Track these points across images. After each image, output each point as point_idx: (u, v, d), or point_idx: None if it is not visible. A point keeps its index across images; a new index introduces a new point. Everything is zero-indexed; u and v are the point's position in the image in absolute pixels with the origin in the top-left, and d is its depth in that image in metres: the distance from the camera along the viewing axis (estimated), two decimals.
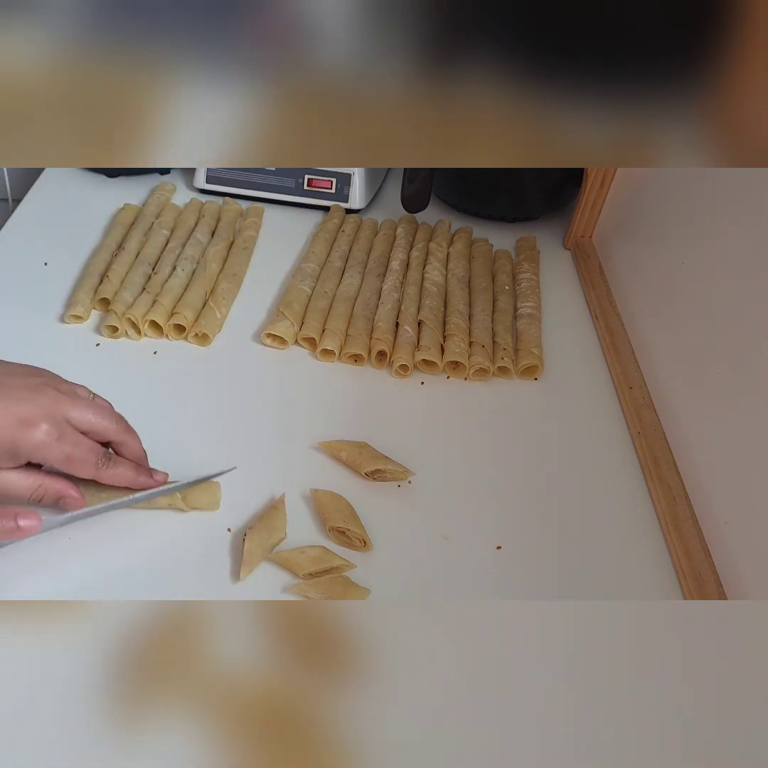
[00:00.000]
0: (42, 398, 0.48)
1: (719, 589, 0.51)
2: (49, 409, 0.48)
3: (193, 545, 0.53)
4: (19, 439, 0.47)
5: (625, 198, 0.79)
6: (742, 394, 0.52)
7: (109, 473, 0.52)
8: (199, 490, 0.55)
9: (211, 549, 0.53)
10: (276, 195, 0.88)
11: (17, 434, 0.47)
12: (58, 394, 0.50)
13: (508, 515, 0.57)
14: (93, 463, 0.50)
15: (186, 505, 0.54)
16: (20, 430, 0.47)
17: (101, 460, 0.51)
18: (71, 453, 0.49)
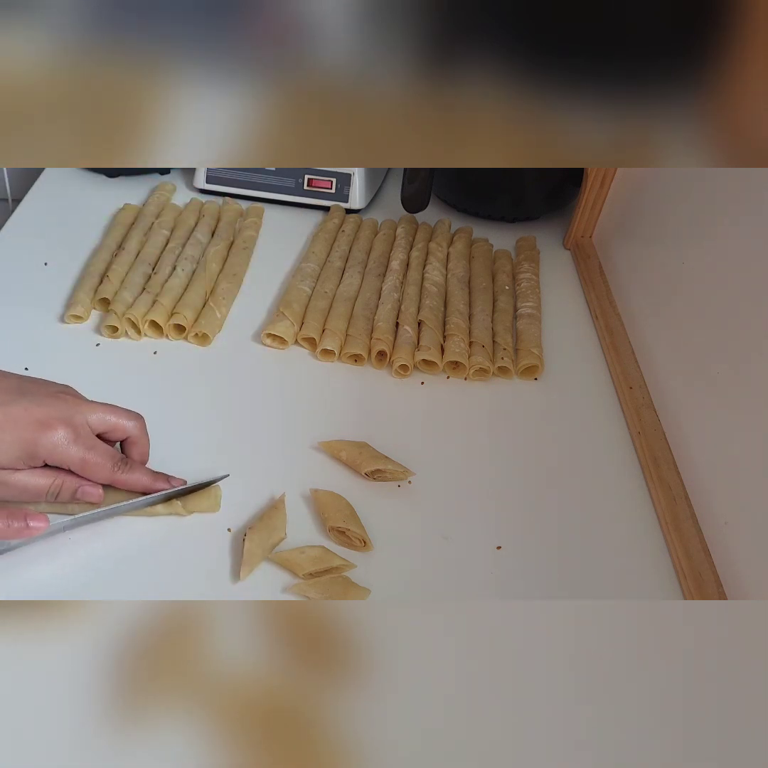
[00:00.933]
0: (61, 403, 0.50)
1: (719, 589, 0.51)
2: (68, 413, 0.50)
3: (193, 545, 0.53)
4: (38, 440, 0.48)
5: (625, 198, 0.79)
6: (742, 394, 0.52)
7: (124, 477, 0.52)
8: (199, 495, 0.55)
9: (211, 549, 0.53)
10: (276, 195, 0.88)
11: (36, 435, 0.48)
12: (76, 400, 0.51)
13: (508, 515, 0.57)
14: (109, 467, 0.51)
15: (186, 510, 0.54)
16: (39, 430, 0.48)
17: (117, 464, 0.52)
18: (87, 455, 0.50)
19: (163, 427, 0.61)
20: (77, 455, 0.49)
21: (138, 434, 0.54)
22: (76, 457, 0.49)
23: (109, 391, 0.59)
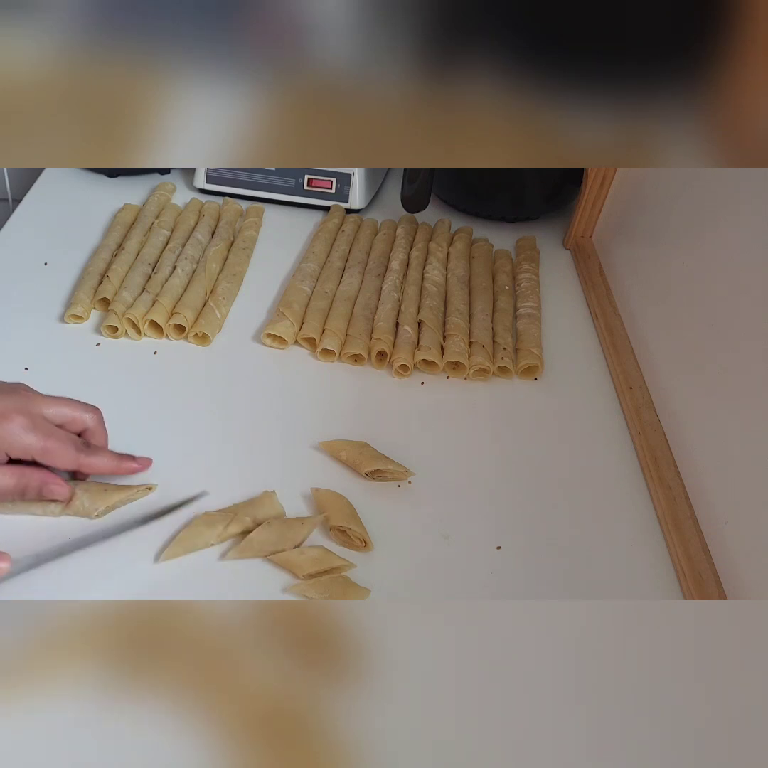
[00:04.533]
0: (16, 396, 0.50)
1: (719, 589, 0.51)
2: (23, 404, 0.50)
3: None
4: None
5: (625, 198, 0.79)
6: (742, 394, 0.52)
7: (89, 460, 0.52)
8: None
9: (210, 549, 0.53)
10: (276, 195, 0.88)
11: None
12: (30, 393, 0.51)
13: (508, 515, 0.57)
14: (72, 451, 0.51)
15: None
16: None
17: (80, 447, 0.51)
18: (47, 443, 0.50)
19: (163, 427, 0.61)
20: (38, 443, 0.49)
21: (95, 426, 0.54)
22: (37, 445, 0.49)
23: (109, 391, 0.59)
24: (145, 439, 0.60)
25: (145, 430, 0.60)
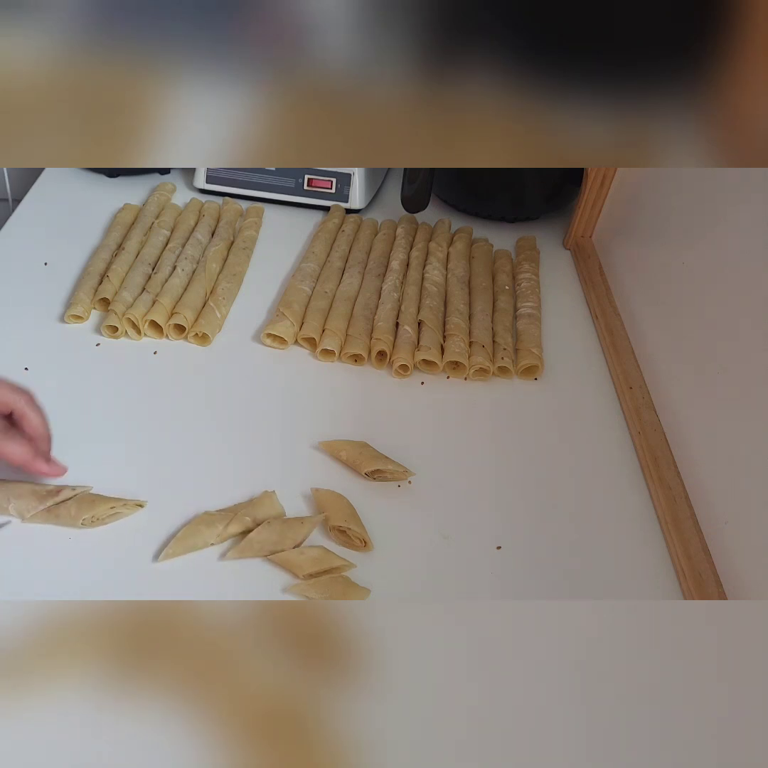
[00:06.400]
0: None
1: (719, 589, 0.51)
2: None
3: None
4: None
5: (625, 198, 0.79)
6: (742, 394, 0.52)
7: (1, 445, 0.49)
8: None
9: (210, 549, 0.53)
10: (276, 195, 0.88)
11: None
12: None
13: (508, 515, 0.57)
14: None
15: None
16: None
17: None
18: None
19: (163, 427, 0.61)
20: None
21: (23, 409, 0.51)
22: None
23: (109, 391, 0.59)
24: (144, 438, 0.60)
25: (145, 430, 0.61)
